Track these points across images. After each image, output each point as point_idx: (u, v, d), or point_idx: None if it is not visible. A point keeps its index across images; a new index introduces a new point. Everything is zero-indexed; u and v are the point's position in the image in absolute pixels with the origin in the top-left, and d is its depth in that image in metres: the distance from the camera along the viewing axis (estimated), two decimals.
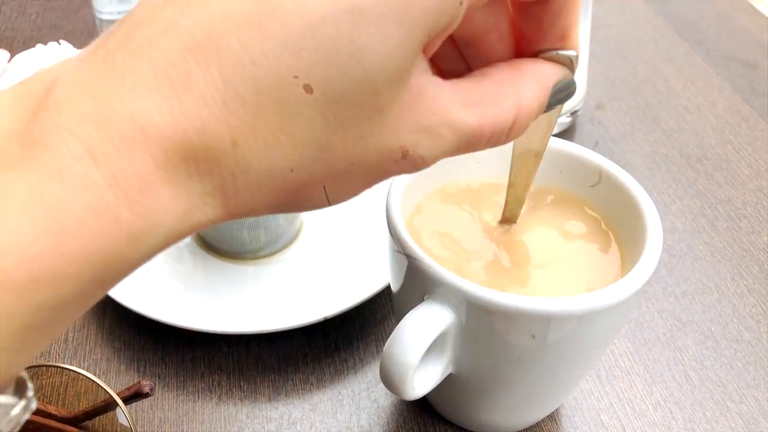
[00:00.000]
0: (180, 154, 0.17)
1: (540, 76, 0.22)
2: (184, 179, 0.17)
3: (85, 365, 0.37)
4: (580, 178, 0.33)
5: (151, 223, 0.17)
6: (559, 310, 0.26)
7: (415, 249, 0.28)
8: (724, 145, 0.53)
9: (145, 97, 0.17)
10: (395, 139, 0.19)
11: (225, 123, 0.17)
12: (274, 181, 0.18)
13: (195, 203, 0.18)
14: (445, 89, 0.20)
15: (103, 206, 0.16)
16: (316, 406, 0.36)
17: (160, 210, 0.17)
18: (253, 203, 0.19)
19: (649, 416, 0.36)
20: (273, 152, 0.18)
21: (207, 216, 0.18)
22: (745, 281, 0.43)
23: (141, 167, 0.17)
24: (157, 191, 0.17)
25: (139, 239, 0.17)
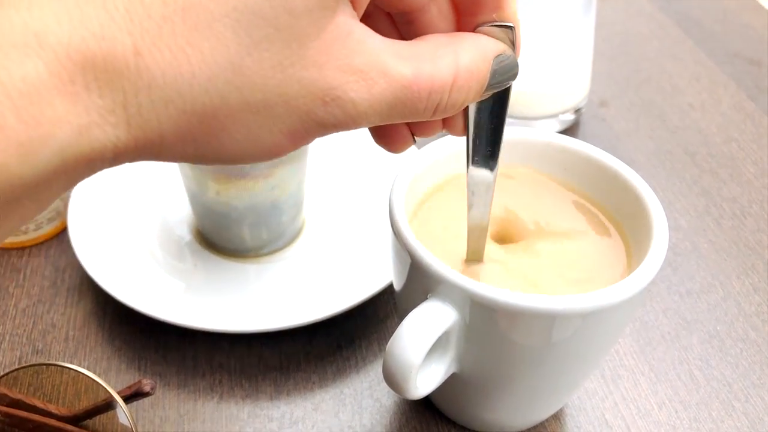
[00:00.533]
0: (77, 62, 0.16)
1: (479, 45, 0.21)
2: (81, 90, 0.16)
3: (86, 364, 0.37)
4: (587, 175, 0.33)
5: (42, 133, 0.16)
6: (563, 309, 0.26)
7: (418, 247, 0.27)
8: (729, 143, 0.53)
9: (43, 5, 0.16)
10: (320, 75, 0.18)
11: (127, 31, 0.16)
12: (182, 100, 0.17)
13: (93, 119, 0.17)
14: (376, 38, 0.19)
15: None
16: (318, 405, 0.36)
17: (52, 120, 0.16)
18: (160, 127, 0.17)
19: (654, 416, 0.35)
20: (180, 64, 0.17)
21: (108, 135, 0.17)
22: (750, 280, 0.42)
23: (31, 73, 0.16)
24: (49, 99, 0.16)
25: (28, 151, 0.16)
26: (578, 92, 0.52)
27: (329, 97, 0.19)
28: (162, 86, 0.17)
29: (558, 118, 0.52)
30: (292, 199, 0.41)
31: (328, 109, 0.19)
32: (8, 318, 0.39)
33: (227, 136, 0.18)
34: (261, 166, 0.37)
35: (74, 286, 0.41)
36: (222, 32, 0.17)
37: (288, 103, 0.18)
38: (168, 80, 0.17)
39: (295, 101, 0.18)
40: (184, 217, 0.44)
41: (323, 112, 0.19)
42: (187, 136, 0.18)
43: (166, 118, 0.17)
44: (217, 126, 0.18)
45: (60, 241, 0.43)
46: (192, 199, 0.41)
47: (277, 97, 0.18)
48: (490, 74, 0.21)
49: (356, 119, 0.19)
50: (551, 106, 0.51)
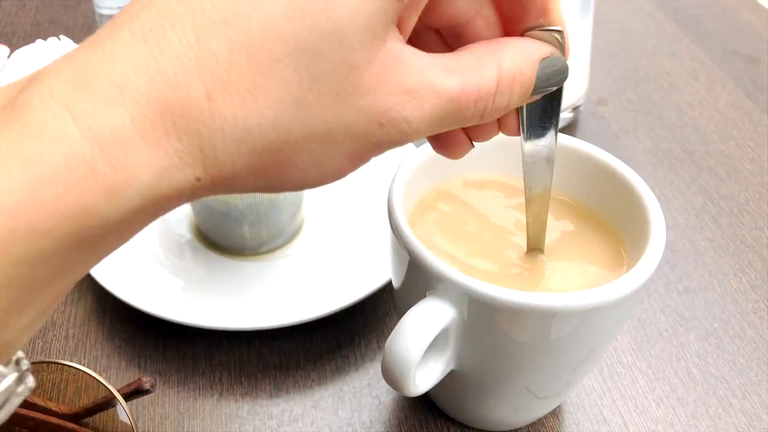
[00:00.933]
0: (156, 109, 0.17)
1: (522, 47, 0.22)
2: (161, 135, 0.17)
3: (86, 362, 0.37)
4: (583, 174, 0.33)
5: (128, 176, 0.17)
6: (561, 306, 0.26)
7: (417, 245, 0.28)
8: (727, 141, 0.53)
9: (124, 60, 0.17)
10: (375, 100, 0.19)
11: (199, 78, 0.18)
12: (252, 138, 0.18)
13: (173, 161, 0.18)
14: (423, 57, 0.20)
15: (79, 157, 0.17)
16: (318, 402, 0.36)
17: (137, 164, 0.17)
18: (234, 165, 0.19)
19: (652, 413, 0.36)
20: (248, 106, 0.18)
21: (186, 176, 0.18)
22: (748, 277, 0.43)
23: (117, 122, 0.17)
24: (133, 145, 0.17)
25: (115, 193, 0.17)
26: (576, 90, 0.52)
27: (385, 119, 0.20)
28: (234, 127, 0.18)
29: None
30: (292, 198, 0.41)
31: (384, 130, 0.20)
32: None
33: (293, 167, 0.20)
34: None
35: (74, 284, 0.41)
36: (284, 72, 0.18)
37: (348, 129, 0.19)
38: (239, 121, 0.18)
39: (354, 127, 0.19)
40: (183, 216, 0.44)
41: (380, 133, 0.20)
42: (258, 171, 0.19)
43: (239, 156, 0.18)
44: (285, 159, 0.19)
45: None
46: None
47: (337, 125, 0.19)
48: (536, 77, 0.22)
49: (410, 135, 0.20)
50: None
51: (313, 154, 0.20)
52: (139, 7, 0.18)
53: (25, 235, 0.16)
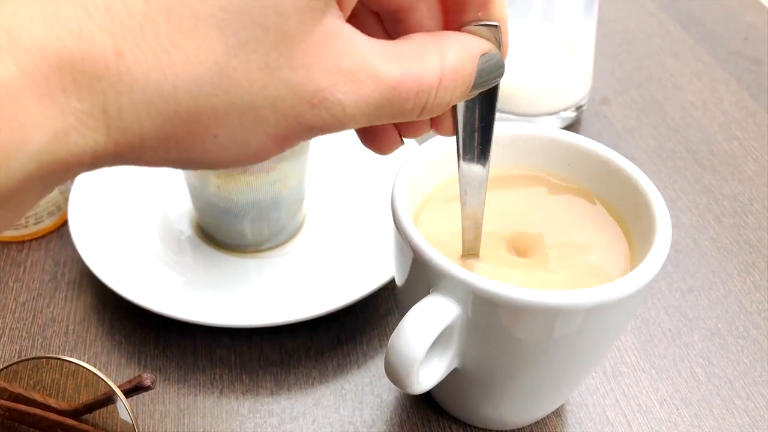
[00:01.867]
0: (53, 62, 0.15)
1: (464, 42, 0.21)
2: (57, 93, 0.15)
3: (86, 358, 0.37)
4: (589, 171, 0.33)
5: (16, 138, 0.15)
6: (566, 304, 0.26)
7: (421, 242, 0.27)
8: (731, 141, 0.53)
9: (16, 3, 0.15)
10: (308, 77, 0.18)
11: (107, 30, 0.16)
12: (164, 102, 0.16)
13: (71, 122, 0.16)
14: (363, 39, 0.19)
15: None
16: (319, 400, 0.35)
17: (26, 124, 0.15)
18: (141, 130, 0.17)
19: (655, 413, 0.35)
20: (162, 66, 0.16)
21: (86, 140, 0.16)
22: (751, 277, 0.42)
23: (2, 74, 0.15)
24: (23, 102, 0.15)
25: (3, 156, 0.15)
26: (580, 89, 0.52)
27: (317, 99, 0.18)
28: (144, 88, 0.16)
29: (559, 115, 0.52)
30: (294, 195, 0.41)
31: (315, 111, 0.18)
32: (8, 312, 0.39)
33: (211, 140, 0.18)
34: (262, 161, 0.37)
35: (74, 280, 0.41)
36: (208, 32, 0.16)
37: (275, 105, 0.18)
38: (151, 82, 0.16)
39: (283, 104, 0.18)
40: (184, 212, 0.44)
41: (310, 114, 0.18)
42: (170, 140, 0.17)
43: (148, 121, 0.17)
44: (201, 129, 0.17)
45: (60, 235, 0.43)
46: (193, 194, 0.41)
47: (263, 99, 0.18)
48: (476, 73, 0.21)
49: (343, 121, 0.19)
50: (553, 103, 0.51)
51: (234, 128, 0.18)
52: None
53: None
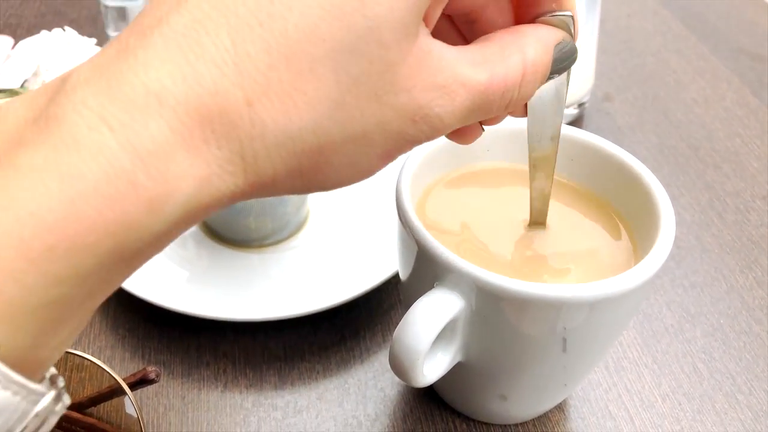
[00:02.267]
0: (195, 118, 0.17)
1: (540, 36, 0.22)
2: (200, 144, 0.17)
3: (90, 352, 0.37)
4: (593, 166, 0.33)
5: (169, 189, 0.17)
6: (570, 297, 0.26)
7: (425, 235, 0.27)
8: (733, 138, 0.53)
9: (158, 67, 0.17)
10: (410, 98, 0.19)
11: (238, 84, 0.17)
12: (292, 143, 0.18)
13: (213, 170, 0.17)
14: (451, 51, 0.20)
15: (119, 171, 0.16)
16: (323, 394, 0.36)
17: (177, 175, 0.17)
18: (274, 170, 0.18)
19: (658, 407, 0.36)
20: (288, 110, 0.18)
21: (227, 184, 0.18)
22: (753, 274, 0.43)
23: (156, 132, 0.16)
24: (174, 156, 0.17)
25: (157, 206, 0.17)
26: (582, 86, 0.52)
27: (418, 116, 0.19)
28: (274, 132, 0.18)
29: None
30: None
31: (417, 127, 0.20)
32: None
33: (330, 167, 0.19)
34: None
35: None
36: (323, 74, 0.18)
37: (383, 128, 0.19)
38: (279, 126, 0.18)
39: (390, 125, 0.19)
40: None
41: (414, 130, 0.20)
42: (296, 174, 0.19)
43: (279, 161, 0.18)
44: (323, 160, 0.19)
45: None
46: None
47: (374, 126, 0.19)
48: (552, 63, 0.22)
49: (441, 130, 0.20)
50: None
51: (349, 155, 0.19)
52: (166, 9, 0.18)
53: (64, 252, 0.16)
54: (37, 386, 0.17)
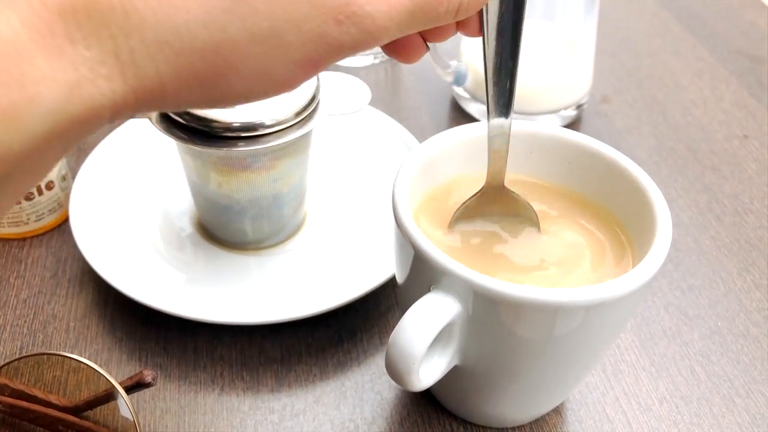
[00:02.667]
0: (54, 11, 0.14)
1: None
2: (64, 43, 0.15)
3: (87, 355, 0.37)
4: (590, 169, 0.33)
5: (26, 96, 0.14)
6: (567, 301, 0.26)
7: (422, 239, 0.27)
8: (731, 140, 0.53)
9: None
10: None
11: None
12: (179, 40, 0.15)
13: (83, 73, 0.15)
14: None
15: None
16: (320, 397, 0.36)
17: (36, 80, 0.14)
18: (159, 73, 0.16)
19: (655, 411, 0.35)
20: (171, 1, 0.15)
21: (102, 90, 0.15)
22: (752, 276, 0.42)
23: (4, 28, 0.14)
24: (29, 57, 0.14)
25: (13, 117, 0.14)
26: (580, 88, 0.52)
27: (343, 15, 0.17)
28: (154, 26, 0.15)
29: (560, 113, 0.52)
30: (294, 192, 0.41)
31: (342, 28, 0.17)
32: (9, 308, 0.39)
33: (234, 73, 0.17)
34: (263, 159, 0.37)
35: (75, 276, 0.41)
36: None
37: (299, 27, 0.16)
38: (160, 18, 0.15)
39: (307, 25, 0.17)
40: (185, 209, 0.44)
41: (338, 32, 0.17)
42: (191, 80, 0.16)
43: (164, 61, 0.16)
44: (222, 63, 0.16)
45: (61, 232, 0.43)
46: (194, 191, 0.41)
47: (285, 23, 0.16)
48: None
49: (375, 35, 0.17)
50: (553, 101, 0.51)
51: (257, 58, 0.16)
52: None
53: None
54: None
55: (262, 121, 0.35)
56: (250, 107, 0.34)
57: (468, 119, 0.53)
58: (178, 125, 0.35)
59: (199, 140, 0.35)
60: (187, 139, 0.35)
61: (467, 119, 0.53)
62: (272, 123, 0.35)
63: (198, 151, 0.36)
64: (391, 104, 0.55)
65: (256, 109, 0.35)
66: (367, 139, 0.48)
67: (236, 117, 0.34)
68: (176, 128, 0.35)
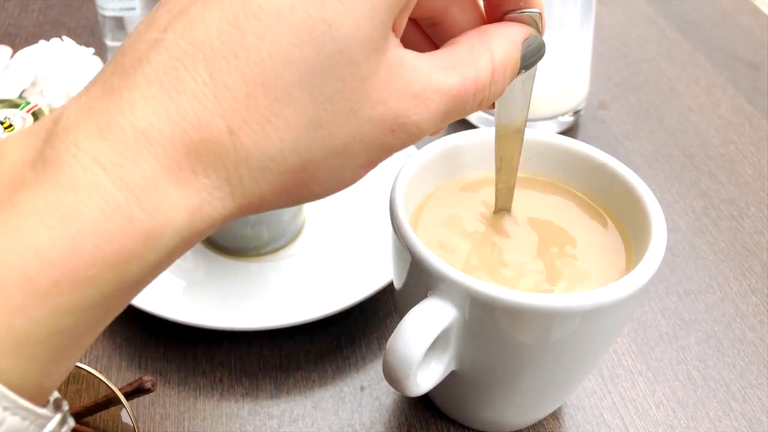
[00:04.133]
0: (181, 151, 0.18)
1: (507, 34, 0.23)
2: (188, 175, 0.18)
3: (86, 361, 0.37)
4: (586, 175, 0.33)
5: (162, 220, 0.18)
6: (563, 307, 0.26)
7: (419, 245, 0.28)
8: (727, 145, 0.53)
9: (143, 106, 0.18)
10: (385, 109, 0.20)
11: (219, 115, 0.18)
12: (276, 165, 0.19)
13: (203, 198, 0.18)
14: (422, 59, 0.21)
15: (115, 208, 0.17)
16: (318, 403, 0.36)
17: (170, 206, 0.18)
18: (261, 191, 0.19)
19: (652, 415, 0.36)
20: (269, 135, 0.19)
21: (217, 209, 0.19)
22: (748, 281, 0.43)
23: (146, 168, 0.18)
24: (165, 189, 0.18)
25: (152, 237, 0.18)
26: (577, 94, 0.52)
27: (396, 126, 0.21)
28: (258, 157, 0.19)
29: (557, 119, 0.52)
30: None
31: (396, 135, 0.21)
32: None
33: (314, 182, 0.21)
34: None
35: None
36: (299, 96, 0.19)
37: (363, 141, 0.20)
38: (261, 150, 0.19)
39: (369, 137, 0.20)
40: None
41: (392, 139, 0.21)
42: (283, 192, 0.20)
43: (264, 183, 0.19)
44: (306, 176, 0.20)
45: None
46: None
47: (352, 139, 0.20)
48: (520, 59, 0.23)
49: (419, 136, 0.21)
50: (550, 107, 0.51)
51: (332, 168, 0.20)
52: (145, 48, 0.19)
53: (68, 286, 0.17)
54: (43, 411, 0.18)
55: None
56: None
57: (466, 124, 0.53)
58: None
59: None
60: None
61: (465, 124, 0.53)
62: None
63: None
64: None
65: None
66: None
67: None
68: None
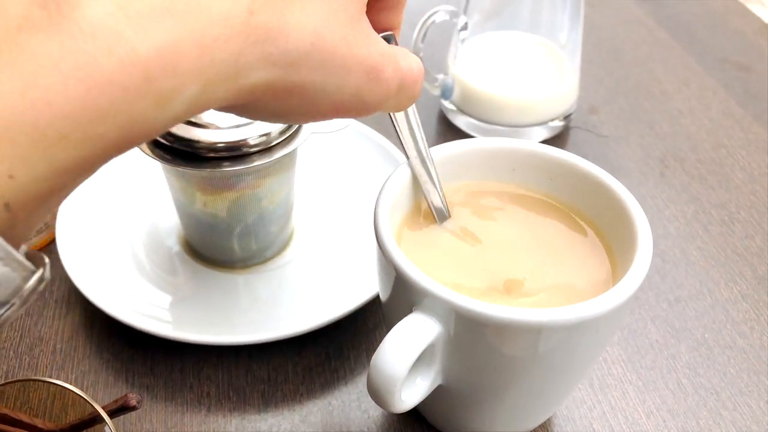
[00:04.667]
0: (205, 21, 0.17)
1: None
2: (210, 43, 0.18)
3: (73, 377, 0.37)
4: (571, 184, 0.33)
5: (177, 84, 0.17)
6: (548, 321, 0.26)
7: (403, 260, 0.27)
8: (718, 149, 0.53)
9: None
10: (368, 54, 0.21)
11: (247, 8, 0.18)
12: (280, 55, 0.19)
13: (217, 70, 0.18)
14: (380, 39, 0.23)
15: (135, 63, 0.16)
16: (306, 417, 0.35)
17: (185, 72, 0.17)
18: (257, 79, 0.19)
19: (642, 425, 0.36)
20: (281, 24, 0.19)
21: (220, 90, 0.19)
22: (738, 287, 0.43)
23: (170, 28, 0.17)
24: (186, 53, 0.17)
25: (164, 100, 0.17)
26: (567, 99, 0.52)
27: (373, 74, 0.21)
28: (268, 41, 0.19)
29: (547, 125, 0.52)
30: (281, 210, 0.41)
31: (369, 85, 0.21)
32: None
33: (298, 94, 0.21)
34: (248, 178, 0.37)
35: (62, 298, 0.41)
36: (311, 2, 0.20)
37: (346, 76, 0.21)
38: (275, 33, 0.19)
39: (349, 76, 0.21)
40: (172, 228, 0.44)
41: (366, 88, 0.21)
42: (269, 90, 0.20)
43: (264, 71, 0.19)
44: (299, 82, 0.20)
45: (48, 253, 0.43)
46: (180, 210, 0.41)
47: (338, 68, 0.20)
48: None
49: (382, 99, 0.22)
50: (541, 113, 0.51)
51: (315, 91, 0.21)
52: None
53: (75, 142, 0.16)
54: (31, 265, 0.17)
55: (246, 141, 0.35)
56: (234, 128, 0.34)
57: (455, 132, 0.53)
58: (162, 146, 0.35)
59: (183, 161, 0.35)
60: (171, 160, 0.35)
61: (455, 132, 0.53)
62: (256, 143, 0.35)
63: (182, 171, 0.36)
64: (378, 118, 0.55)
65: (240, 129, 0.35)
66: (354, 153, 0.48)
67: (220, 137, 0.34)
68: (160, 149, 0.35)
